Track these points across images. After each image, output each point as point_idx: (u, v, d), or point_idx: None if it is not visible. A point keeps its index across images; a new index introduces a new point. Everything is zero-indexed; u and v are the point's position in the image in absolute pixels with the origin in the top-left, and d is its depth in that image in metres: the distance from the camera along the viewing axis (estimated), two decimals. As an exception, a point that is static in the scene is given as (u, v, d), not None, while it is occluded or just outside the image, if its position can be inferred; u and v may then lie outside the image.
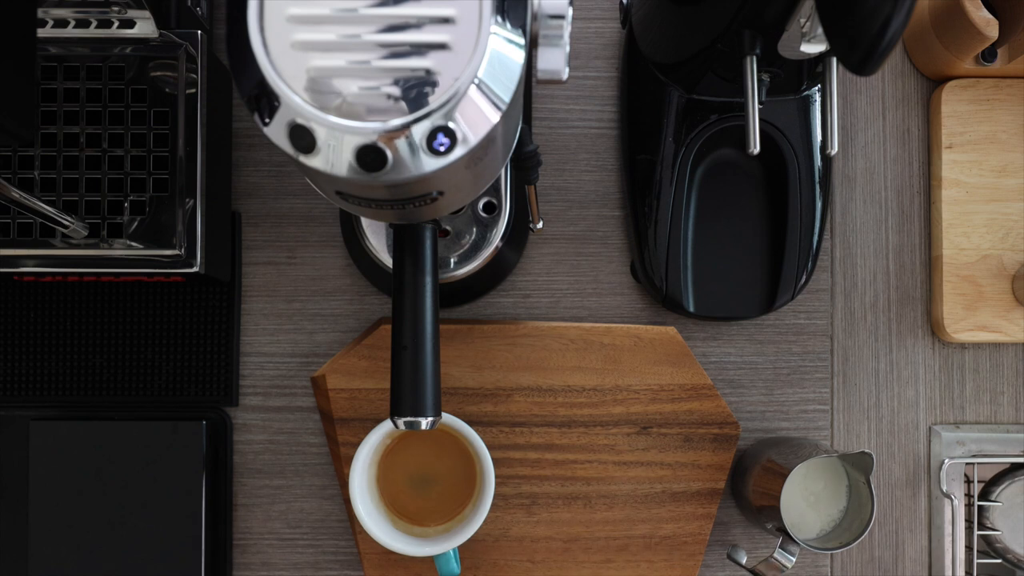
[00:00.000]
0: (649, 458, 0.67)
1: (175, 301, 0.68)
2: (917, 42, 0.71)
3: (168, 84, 0.60)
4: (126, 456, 0.64)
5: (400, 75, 0.35)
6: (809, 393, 0.70)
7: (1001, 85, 0.70)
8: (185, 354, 0.68)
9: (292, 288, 0.69)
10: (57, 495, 0.64)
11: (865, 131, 0.72)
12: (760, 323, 0.70)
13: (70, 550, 0.64)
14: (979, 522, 0.69)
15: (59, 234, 0.58)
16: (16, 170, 0.59)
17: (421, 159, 0.35)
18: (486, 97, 0.36)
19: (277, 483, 0.68)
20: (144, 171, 0.60)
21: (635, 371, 0.67)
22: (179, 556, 0.64)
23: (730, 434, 0.67)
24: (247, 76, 0.36)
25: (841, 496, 0.63)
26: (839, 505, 0.62)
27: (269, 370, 0.69)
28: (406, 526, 0.64)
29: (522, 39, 0.36)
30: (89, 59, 0.59)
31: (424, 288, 0.48)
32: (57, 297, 0.67)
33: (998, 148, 0.70)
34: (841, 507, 0.63)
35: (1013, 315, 0.69)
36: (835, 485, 0.63)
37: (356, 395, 0.66)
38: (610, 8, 0.71)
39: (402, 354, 0.47)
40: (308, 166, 0.36)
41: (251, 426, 0.69)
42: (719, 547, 0.69)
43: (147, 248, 0.59)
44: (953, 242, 0.69)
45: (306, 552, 0.68)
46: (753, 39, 0.55)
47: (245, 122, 0.69)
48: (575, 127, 0.71)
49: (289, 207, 0.69)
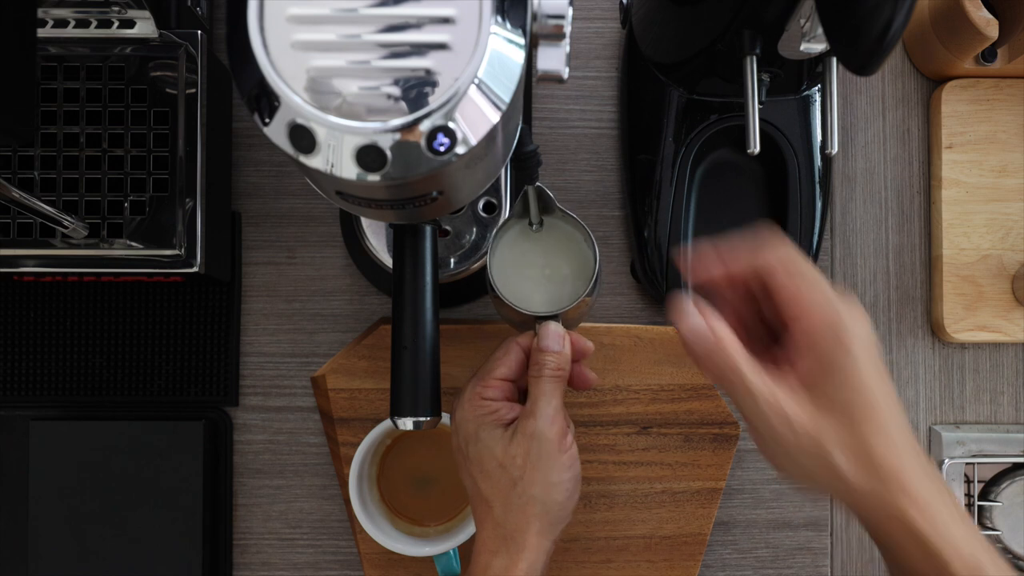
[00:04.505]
0: (649, 458, 0.67)
1: (175, 301, 0.68)
2: (917, 42, 0.71)
3: (168, 84, 0.60)
4: (126, 456, 0.64)
5: (400, 75, 0.35)
6: (809, 393, 0.70)
7: (1001, 85, 0.70)
8: (185, 354, 0.68)
9: (292, 288, 0.69)
10: (57, 495, 0.64)
11: (865, 131, 0.72)
12: (760, 323, 0.70)
13: (70, 550, 0.64)
14: (979, 522, 0.69)
15: (59, 234, 0.58)
16: (16, 170, 0.59)
17: (421, 159, 0.35)
18: (486, 97, 0.35)
19: (277, 483, 0.68)
20: (144, 171, 0.60)
21: (635, 371, 0.67)
22: (179, 556, 0.64)
23: (730, 434, 0.67)
24: (247, 76, 0.36)
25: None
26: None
27: (269, 370, 0.69)
28: (406, 526, 0.64)
29: (522, 39, 0.36)
30: (89, 59, 0.59)
31: (424, 288, 0.48)
32: (57, 297, 0.67)
33: (998, 148, 0.70)
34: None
35: (1013, 315, 0.69)
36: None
37: (356, 395, 0.66)
38: (610, 8, 0.71)
39: (402, 354, 0.47)
40: (308, 166, 0.36)
41: (251, 426, 0.69)
42: (719, 547, 0.69)
43: (147, 248, 0.59)
44: (953, 242, 0.69)
45: (306, 552, 0.68)
46: (753, 39, 0.55)
47: (245, 122, 0.69)
48: (575, 127, 0.71)
49: (289, 207, 0.69)
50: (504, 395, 0.53)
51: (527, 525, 0.50)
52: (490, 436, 0.51)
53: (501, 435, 0.51)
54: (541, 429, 0.50)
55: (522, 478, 0.50)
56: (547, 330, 0.52)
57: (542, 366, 0.51)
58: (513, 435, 0.51)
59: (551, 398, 0.51)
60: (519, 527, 0.50)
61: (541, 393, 0.51)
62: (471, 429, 0.52)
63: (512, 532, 0.50)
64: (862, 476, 0.41)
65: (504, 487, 0.50)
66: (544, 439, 0.50)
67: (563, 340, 0.52)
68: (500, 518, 0.51)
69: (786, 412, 0.41)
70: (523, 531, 0.50)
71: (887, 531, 0.41)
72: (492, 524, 0.51)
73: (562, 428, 0.51)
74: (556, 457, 0.50)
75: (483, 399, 0.52)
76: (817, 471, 0.42)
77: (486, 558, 0.51)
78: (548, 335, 0.52)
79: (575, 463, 0.52)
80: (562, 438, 0.51)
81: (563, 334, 0.52)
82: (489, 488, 0.51)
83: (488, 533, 0.51)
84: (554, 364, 0.51)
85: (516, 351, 0.53)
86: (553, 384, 0.51)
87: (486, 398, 0.52)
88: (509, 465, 0.50)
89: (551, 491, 0.50)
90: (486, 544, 0.51)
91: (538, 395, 0.51)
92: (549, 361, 0.51)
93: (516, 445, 0.50)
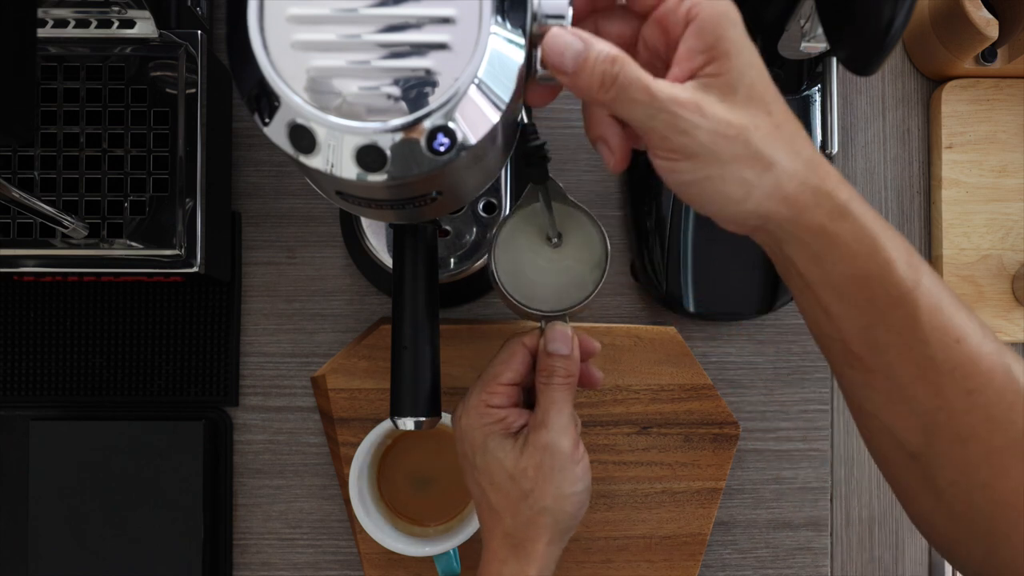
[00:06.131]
0: (649, 458, 0.67)
1: (175, 301, 0.68)
2: (917, 42, 0.71)
3: (168, 84, 0.60)
4: (126, 456, 0.64)
5: (400, 75, 0.35)
6: (809, 393, 0.70)
7: (1001, 85, 0.70)
8: (185, 354, 0.68)
9: (292, 288, 0.69)
10: (57, 495, 0.64)
11: (865, 131, 0.72)
12: (760, 323, 0.70)
13: (70, 550, 0.64)
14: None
15: (59, 234, 0.58)
16: (16, 170, 0.59)
17: (421, 159, 0.35)
18: (486, 97, 0.35)
19: (277, 483, 0.68)
20: (144, 171, 0.60)
21: (635, 371, 0.67)
22: (179, 556, 0.64)
23: (730, 434, 0.67)
24: (247, 76, 0.36)
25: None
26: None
27: (269, 370, 0.69)
28: (406, 526, 0.64)
29: (522, 39, 0.36)
30: (89, 59, 0.59)
31: (424, 288, 0.47)
32: (57, 297, 0.67)
33: (998, 148, 0.70)
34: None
35: (1013, 315, 0.69)
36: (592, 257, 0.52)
37: (356, 395, 0.66)
38: (610, 8, 0.71)
39: (402, 354, 0.47)
40: (308, 166, 0.36)
41: (251, 426, 0.69)
42: (719, 547, 0.69)
43: (147, 248, 0.59)
44: (953, 242, 0.69)
45: (306, 552, 0.68)
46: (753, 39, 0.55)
47: (245, 122, 0.69)
48: (575, 127, 0.71)
49: (289, 207, 0.69)
50: (511, 401, 0.51)
51: (537, 535, 0.50)
52: (499, 447, 0.50)
53: (512, 446, 0.50)
54: (553, 441, 0.49)
55: (533, 491, 0.49)
56: (555, 332, 0.50)
57: (552, 373, 0.50)
58: (524, 446, 0.49)
59: (563, 406, 0.49)
60: (529, 537, 0.50)
61: (552, 403, 0.49)
62: (478, 438, 0.50)
63: (522, 542, 0.50)
64: (787, 158, 0.38)
65: (514, 499, 0.49)
66: (556, 451, 0.49)
67: (572, 342, 0.50)
68: (510, 528, 0.50)
69: (699, 104, 0.37)
70: (533, 541, 0.50)
71: (809, 222, 0.38)
72: (502, 534, 0.50)
73: (574, 439, 0.50)
74: (569, 469, 0.49)
75: (489, 407, 0.50)
76: (737, 167, 0.38)
77: (496, 567, 0.50)
78: (556, 338, 0.50)
79: (587, 474, 0.50)
80: (574, 449, 0.49)
81: (571, 335, 0.51)
82: (499, 499, 0.50)
83: (498, 543, 0.50)
84: (564, 371, 0.50)
85: (522, 353, 0.51)
86: (564, 392, 0.50)
87: (492, 405, 0.50)
88: (520, 477, 0.49)
89: (563, 503, 0.49)
90: (496, 553, 0.50)
91: (548, 405, 0.49)
92: (559, 368, 0.50)
93: (527, 457, 0.49)
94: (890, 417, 0.41)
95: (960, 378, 0.39)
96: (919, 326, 0.39)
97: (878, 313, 0.39)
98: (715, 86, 0.38)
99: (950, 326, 0.39)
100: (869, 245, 0.39)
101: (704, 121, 0.37)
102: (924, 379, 0.39)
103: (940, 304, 0.39)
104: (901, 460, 0.42)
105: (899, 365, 0.40)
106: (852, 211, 0.39)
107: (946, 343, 0.39)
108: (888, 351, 0.40)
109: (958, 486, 0.40)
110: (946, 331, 0.39)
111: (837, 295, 0.40)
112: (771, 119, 0.38)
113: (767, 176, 0.38)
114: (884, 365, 0.40)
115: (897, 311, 0.39)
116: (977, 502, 0.40)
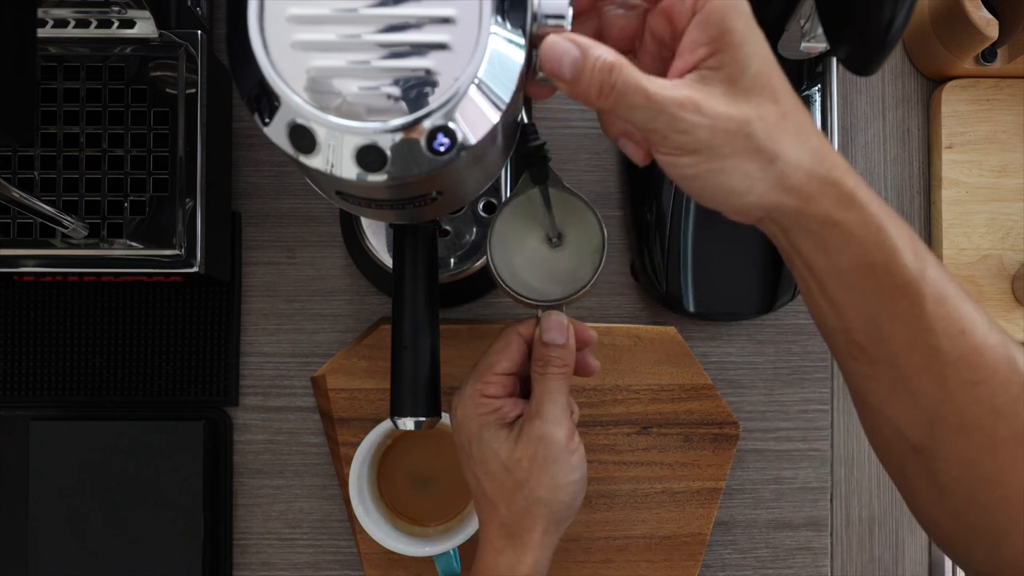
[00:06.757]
0: (649, 458, 0.67)
1: (175, 301, 0.68)
2: (917, 42, 0.71)
3: (168, 84, 0.60)
4: (126, 456, 0.64)
5: (400, 75, 0.35)
6: (809, 393, 0.70)
7: (1001, 85, 0.70)
8: (185, 354, 0.68)
9: (292, 288, 0.69)
10: (57, 495, 0.64)
11: (865, 131, 0.72)
12: (760, 323, 0.70)
13: (70, 550, 0.64)
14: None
15: (59, 234, 0.58)
16: (16, 170, 0.59)
17: (421, 159, 0.35)
18: (486, 97, 0.35)
19: (277, 483, 0.68)
20: (144, 171, 0.60)
21: (635, 371, 0.67)
22: (179, 556, 0.64)
23: (730, 434, 0.67)
24: (247, 76, 0.36)
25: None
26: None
27: (269, 370, 0.69)
28: (406, 526, 0.64)
29: (522, 39, 0.36)
30: (89, 59, 0.59)
31: (424, 288, 0.47)
32: (57, 297, 0.67)
33: (998, 148, 0.70)
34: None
35: (1013, 315, 0.69)
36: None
37: (356, 395, 0.66)
38: (610, 8, 0.71)
39: (402, 354, 0.47)
40: (308, 166, 0.36)
41: (251, 426, 0.69)
42: (719, 547, 0.69)
43: (147, 248, 0.59)
44: (953, 242, 0.69)
45: (306, 552, 0.68)
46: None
47: (245, 122, 0.69)
48: (575, 127, 0.71)
49: (289, 207, 0.69)
50: (506, 391, 0.51)
51: (533, 525, 0.50)
52: (494, 437, 0.50)
53: (506, 436, 0.50)
54: (548, 431, 0.49)
55: (528, 481, 0.49)
56: (550, 322, 0.50)
57: (547, 363, 0.50)
58: (519, 437, 0.50)
59: (557, 397, 0.50)
60: (525, 527, 0.50)
61: (546, 392, 0.50)
62: (473, 428, 0.51)
63: (518, 531, 0.50)
64: (793, 149, 0.38)
65: (509, 489, 0.50)
66: (551, 441, 0.49)
67: (567, 331, 0.50)
68: (505, 518, 0.50)
69: (697, 102, 0.37)
70: (529, 530, 0.50)
71: (815, 212, 0.38)
72: (498, 524, 0.51)
73: (569, 429, 0.50)
74: (564, 459, 0.49)
75: (484, 396, 0.51)
76: (739, 160, 0.37)
77: (492, 556, 0.51)
78: (552, 327, 0.50)
79: (582, 464, 0.51)
80: (569, 439, 0.50)
81: (567, 324, 0.51)
82: (494, 489, 0.50)
83: (493, 532, 0.51)
84: (559, 361, 0.50)
85: (517, 343, 0.51)
86: (558, 382, 0.50)
87: (487, 395, 0.51)
88: (515, 468, 0.49)
89: (558, 493, 0.50)
90: (492, 543, 0.51)
91: (543, 395, 0.50)
92: (554, 357, 0.50)
93: (522, 448, 0.49)
94: (894, 409, 0.41)
95: (965, 369, 0.39)
96: (924, 315, 0.39)
97: (883, 302, 0.39)
98: (717, 78, 0.37)
99: (955, 316, 0.39)
100: (875, 233, 0.38)
101: (703, 119, 0.37)
102: (928, 370, 0.39)
103: (946, 294, 0.39)
104: (904, 454, 0.41)
105: (903, 355, 0.39)
106: (859, 199, 0.38)
107: (951, 333, 0.39)
108: (893, 341, 0.39)
109: (960, 481, 0.40)
110: (951, 321, 0.39)
111: (842, 284, 0.40)
112: (777, 108, 0.38)
113: (771, 169, 0.38)
114: (888, 355, 0.40)
115: (902, 300, 0.39)
116: (979, 498, 0.40)
